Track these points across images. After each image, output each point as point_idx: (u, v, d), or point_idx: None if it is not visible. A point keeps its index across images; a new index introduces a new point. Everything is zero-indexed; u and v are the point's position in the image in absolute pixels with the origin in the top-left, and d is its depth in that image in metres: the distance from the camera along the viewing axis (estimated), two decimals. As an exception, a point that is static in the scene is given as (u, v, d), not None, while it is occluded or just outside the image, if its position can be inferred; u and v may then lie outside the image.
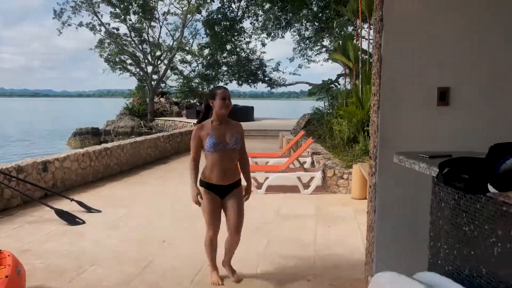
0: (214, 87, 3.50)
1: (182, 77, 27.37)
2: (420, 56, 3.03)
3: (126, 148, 9.12)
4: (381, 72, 3.11)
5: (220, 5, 22.87)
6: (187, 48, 26.36)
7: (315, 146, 9.33)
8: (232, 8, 22.87)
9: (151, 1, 24.15)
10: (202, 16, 23.55)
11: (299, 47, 24.66)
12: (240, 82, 25.48)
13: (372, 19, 9.55)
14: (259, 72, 25.64)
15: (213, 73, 25.43)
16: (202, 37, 25.47)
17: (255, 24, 23.97)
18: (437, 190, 2.16)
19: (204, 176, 3.31)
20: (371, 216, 3.28)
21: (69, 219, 5.19)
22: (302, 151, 7.83)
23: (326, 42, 23.64)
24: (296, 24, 23.38)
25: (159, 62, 26.18)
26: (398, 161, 2.22)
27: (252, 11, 23.44)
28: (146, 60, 25.77)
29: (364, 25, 11.96)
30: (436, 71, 3.02)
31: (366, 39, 11.53)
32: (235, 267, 3.63)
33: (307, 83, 24.54)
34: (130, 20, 24.27)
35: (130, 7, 23.75)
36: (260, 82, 25.83)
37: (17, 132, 32.53)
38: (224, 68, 25.63)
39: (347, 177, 6.69)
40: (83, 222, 5.22)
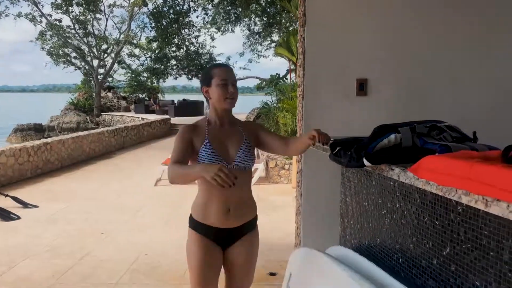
0: (210, 65, 2.24)
1: (130, 71, 26.80)
2: (341, 49, 3.23)
3: (68, 143, 8.89)
4: (305, 64, 3.30)
5: (166, -2, 22.57)
6: (135, 41, 25.81)
7: (260, 139, 9.53)
8: (178, 1, 22.63)
9: (96, -8, 23.43)
10: (148, 9, 23.14)
11: (249, 42, 24.80)
12: (189, 77, 25.31)
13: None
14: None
15: (162, 67, 25.09)
16: (150, 31, 25.04)
17: (205, 18, 23.87)
18: (345, 171, 2.36)
19: (196, 213, 2.09)
20: (299, 200, 3.48)
21: (3, 214, 5.04)
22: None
23: (275, 37, 23.93)
24: (245, 19, 23.48)
25: (105, 55, 25.48)
26: (313, 147, 2.40)
27: (201, 5, 23.30)
28: (92, 54, 25.01)
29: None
30: (356, 63, 3.23)
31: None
32: (170, 254, 3.71)
33: (257, 77, 24.76)
34: (73, 11, 23.43)
35: (73, -3, 22.93)
36: (210, 76, 25.76)
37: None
38: (173, 62, 25.36)
39: (288, 167, 6.92)
40: (18, 217, 5.10)
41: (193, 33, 24.17)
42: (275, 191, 6.51)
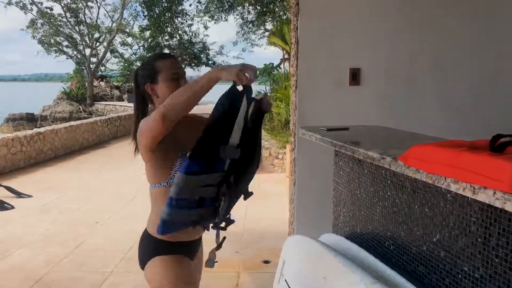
0: (152, 56, 1.85)
1: (123, 60, 26.53)
2: (334, 38, 3.23)
3: (61, 132, 8.85)
4: (298, 54, 3.30)
5: (159, -15, 22.30)
6: (127, 30, 25.55)
7: (254, 128, 9.54)
8: (171, -11, 22.39)
9: (87, -20, 23.12)
10: (141, -4, 22.87)
11: (243, 31, 24.65)
12: (183, 66, 25.15)
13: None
14: (202, 55, 25.41)
15: (155, 56, 24.92)
16: (143, 19, 24.79)
17: (198, 7, 23.65)
18: (337, 159, 2.39)
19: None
20: (292, 189, 3.51)
21: (-4, 204, 5.04)
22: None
23: (269, 26, 23.81)
24: (238, 7, 23.31)
25: (97, 44, 25.24)
26: (302, 134, 2.41)
27: (194, -7, 23.08)
28: (84, 43, 24.75)
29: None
30: (349, 53, 3.24)
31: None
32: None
33: (250, 67, 24.68)
34: (65, -1, 23.12)
35: (65, -15, 22.62)
36: (204, 65, 25.61)
37: None
38: (166, 51, 25.14)
39: (282, 156, 6.95)
40: (12, 207, 5.09)
41: (186, 21, 23.98)
42: (269, 180, 6.53)
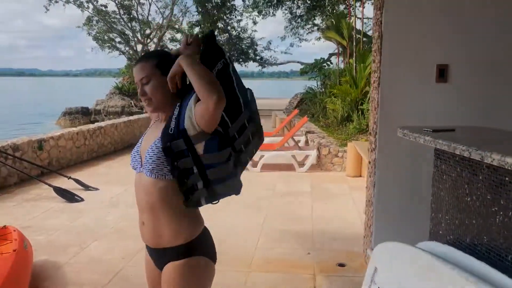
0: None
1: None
2: (420, 33, 3.06)
3: (120, 127, 9.09)
4: (382, 49, 3.15)
5: (211, -19, 22.49)
6: (176, 26, 25.98)
7: (308, 125, 9.40)
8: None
9: (140, -22, 23.67)
10: (194, -7, 23.14)
11: (291, 26, 24.47)
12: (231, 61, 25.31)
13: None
14: (250, 51, 25.47)
15: (204, 51, 25.18)
16: (193, 15, 25.12)
17: (246, 2, 23.68)
18: (439, 163, 2.24)
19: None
20: (370, 190, 3.37)
21: (68, 196, 5.21)
22: (296, 129, 7.89)
23: (317, 21, 23.49)
24: (287, 2, 23.13)
25: (148, 40, 25.80)
26: (402, 135, 2.28)
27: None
28: (136, 39, 25.38)
29: (356, 3, 11.91)
30: (436, 48, 3.06)
31: (359, 18, 11.51)
32: (235, 238, 3.71)
33: (298, 62, 24.50)
34: (119, -4, 23.79)
35: (119, -17, 23.26)
36: (251, 61, 25.69)
37: (6, 111, 32.03)
38: (215, 47, 25.35)
39: (341, 155, 6.79)
40: (82, 199, 5.26)
41: (235, 17, 24.07)
42: (329, 179, 6.40)
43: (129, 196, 5.44)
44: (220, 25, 23.59)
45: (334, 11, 20.25)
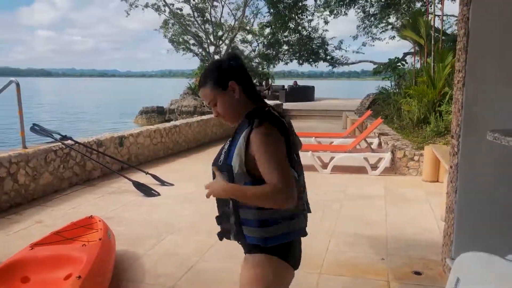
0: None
1: (242, 57, 27.52)
2: (510, 30, 2.84)
3: (193, 126, 9.42)
4: (468, 47, 2.97)
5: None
6: (248, 27, 26.40)
7: (381, 127, 9.10)
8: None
9: (214, -19, 24.33)
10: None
11: (363, 25, 23.87)
12: (301, 61, 25.19)
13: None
14: (320, 50, 25.19)
15: (274, 52, 25.30)
16: (264, 16, 25.38)
17: (318, 1, 23.44)
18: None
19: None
20: (451, 197, 3.19)
21: (146, 190, 5.49)
22: (370, 131, 7.67)
23: (392, 19, 22.70)
24: (360, 1, 22.59)
25: (220, 42, 26.47)
26: (493, 138, 2.13)
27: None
28: (209, 40, 26.14)
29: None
30: (530, 45, 2.82)
31: (438, 15, 10.95)
32: (306, 239, 3.67)
33: (371, 61, 23.83)
34: (194, 0, 24.64)
35: (194, -13, 24.09)
36: (322, 61, 25.39)
37: (90, 109, 34.49)
38: (285, 47, 25.42)
39: (418, 158, 6.49)
40: (158, 194, 5.51)
41: (306, 17, 23.94)
42: (404, 183, 6.15)
43: (203, 192, 5.60)
44: (291, 25, 23.58)
45: (410, 8, 19.44)
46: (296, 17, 23.38)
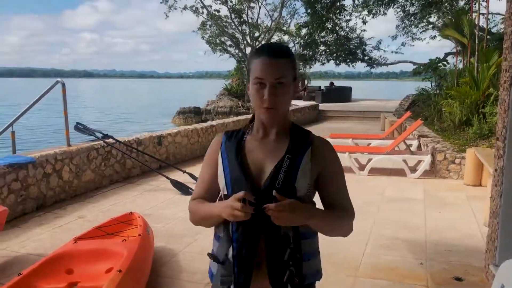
0: (257, 47, 1.50)
1: (279, 58, 27.47)
2: None
3: (229, 125, 9.51)
4: (516, 46, 2.85)
5: (320, -18, 22.36)
6: (284, 28, 26.35)
7: (421, 129, 8.87)
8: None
9: (251, -18, 24.43)
10: (304, -5, 23.24)
11: (403, 24, 23.31)
12: (338, 62, 24.88)
13: (492, -10, 8.69)
14: (358, 51, 24.79)
15: (310, 52, 25.12)
16: (301, 17, 25.26)
17: (356, 1, 23.10)
18: None
19: None
20: (496, 201, 3.07)
21: (183, 189, 5.59)
22: (409, 132, 7.49)
23: (433, 18, 22.05)
24: (400, 0, 22.09)
25: (257, 43, 26.55)
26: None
27: (353, -12, 22.61)
28: (245, 42, 26.28)
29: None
30: None
31: (483, 14, 10.56)
32: (342, 241, 3.63)
33: (410, 62, 23.25)
34: (231, 1, 24.86)
35: (232, -12, 24.30)
36: (359, 61, 24.97)
37: (129, 109, 35.46)
38: (322, 47, 25.19)
39: (459, 161, 6.28)
40: (195, 192, 5.59)
41: (344, 17, 23.65)
42: (444, 186, 5.96)
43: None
44: (328, 25, 23.35)
45: (453, 7, 18.84)
46: (333, 17, 23.11)
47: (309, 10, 22.55)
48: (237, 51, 26.73)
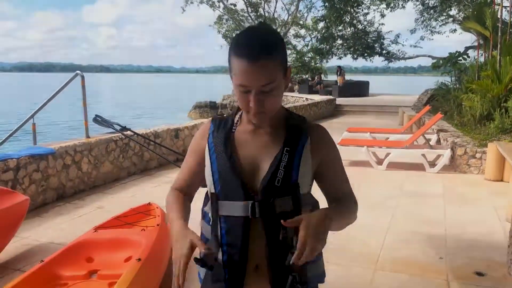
0: (235, 37, 1.16)
1: (295, 52, 27.38)
2: None
3: (246, 119, 9.50)
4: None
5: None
6: (301, 22, 26.21)
7: (440, 123, 8.72)
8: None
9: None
10: (321, -13, 23.05)
11: (422, 18, 22.95)
12: (355, 56, 24.62)
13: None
14: (376, 45, 24.49)
15: (327, 46, 24.89)
16: (318, 10, 25.12)
17: (374, -6, 22.82)
18: None
19: None
20: (520, 195, 3.00)
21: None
22: (429, 126, 7.38)
23: (453, 12, 21.64)
24: (420, -8, 21.76)
25: (273, 37, 26.46)
26: None
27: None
28: (261, 36, 26.20)
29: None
30: None
31: (506, 6, 10.31)
32: (360, 235, 3.60)
33: (429, 56, 22.89)
34: (247, -5, 24.84)
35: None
36: (377, 55, 24.68)
37: (146, 104, 35.78)
38: (339, 41, 24.95)
39: (480, 156, 6.16)
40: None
41: (362, 10, 23.39)
42: (464, 181, 5.86)
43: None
44: (346, 19, 23.11)
45: (474, 0, 18.46)
46: (351, 10, 22.86)
47: (326, 4, 22.34)
48: (253, 45, 26.68)
